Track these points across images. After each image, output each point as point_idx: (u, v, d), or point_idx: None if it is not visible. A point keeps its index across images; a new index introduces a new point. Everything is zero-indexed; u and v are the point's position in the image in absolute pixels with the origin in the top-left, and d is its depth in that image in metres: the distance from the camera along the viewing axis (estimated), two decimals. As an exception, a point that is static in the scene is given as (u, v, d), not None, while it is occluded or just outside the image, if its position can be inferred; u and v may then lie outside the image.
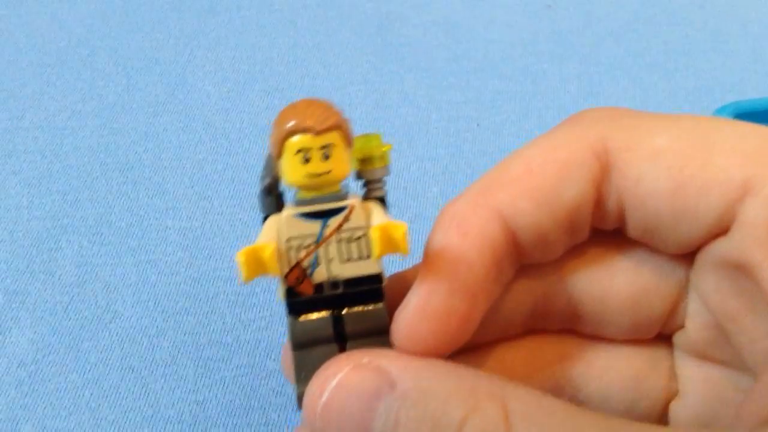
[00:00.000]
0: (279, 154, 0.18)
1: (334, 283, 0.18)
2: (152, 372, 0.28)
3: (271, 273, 0.17)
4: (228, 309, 0.30)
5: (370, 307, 0.18)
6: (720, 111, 0.36)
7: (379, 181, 0.20)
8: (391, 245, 0.17)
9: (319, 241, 0.18)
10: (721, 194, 0.17)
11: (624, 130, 0.18)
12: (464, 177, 0.35)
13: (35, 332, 0.29)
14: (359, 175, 0.20)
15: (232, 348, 0.29)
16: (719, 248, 0.18)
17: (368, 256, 0.18)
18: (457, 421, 0.15)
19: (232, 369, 0.28)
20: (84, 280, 0.31)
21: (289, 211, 0.18)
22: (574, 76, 0.41)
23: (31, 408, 0.27)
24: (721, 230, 0.17)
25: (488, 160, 0.36)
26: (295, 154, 0.17)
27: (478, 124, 0.38)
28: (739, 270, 0.17)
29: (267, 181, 0.19)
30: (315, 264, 0.18)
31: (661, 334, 0.21)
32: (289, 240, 0.18)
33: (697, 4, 0.46)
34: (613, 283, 0.20)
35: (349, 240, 0.18)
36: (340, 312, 0.18)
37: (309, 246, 0.18)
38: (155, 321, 0.30)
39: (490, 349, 0.21)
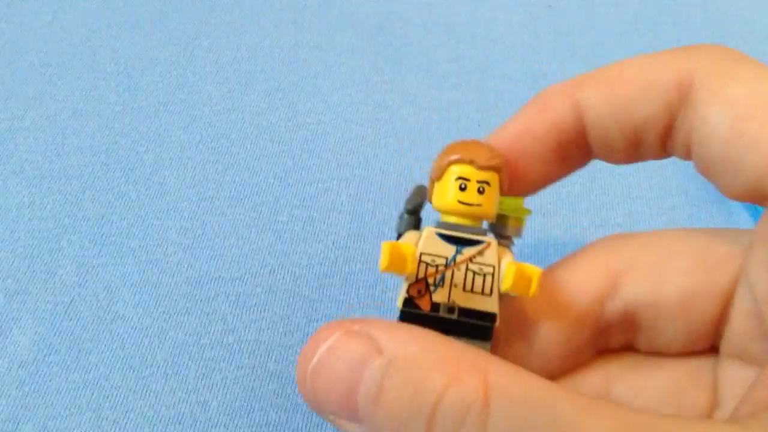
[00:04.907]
0: (439, 177, 0.19)
1: (451, 308, 0.19)
2: (153, 372, 0.28)
3: (408, 271, 0.19)
4: (229, 310, 0.30)
5: (477, 345, 0.19)
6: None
7: (509, 239, 0.21)
8: (521, 284, 0.18)
9: (450, 264, 0.19)
10: (767, 157, 0.17)
11: (716, 72, 0.19)
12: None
13: (36, 332, 0.29)
14: (492, 228, 0.21)
15: (234, 349, 0.29)
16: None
17: (490, 293, 0.19)
18: (437, 390, 0.16)
19: (234, 370, 0.28)
20: (85, 281, 0.31)
21: (431, 229, 0.19)
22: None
23: (32, 408, 0.27)
24: (765, 193, 0.18)
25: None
26: (455, 180, 0.19)
27: (479, 125, 0.38)
28: None
29: (415, 201, 0.21)
30: (439, 284, 0.19)
31: (710, 347, 0.21)
32: (422, 255, 0.19)
33: (698, 4, 0.46)
34: (663, 288, 0.20)
35: (477, 273, 0.19)
36: None
37: (439, 266, 0.19)
38: (156, 321, 0.30)
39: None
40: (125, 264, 0.32)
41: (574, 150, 0.21)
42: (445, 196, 0.19)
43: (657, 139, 0.20)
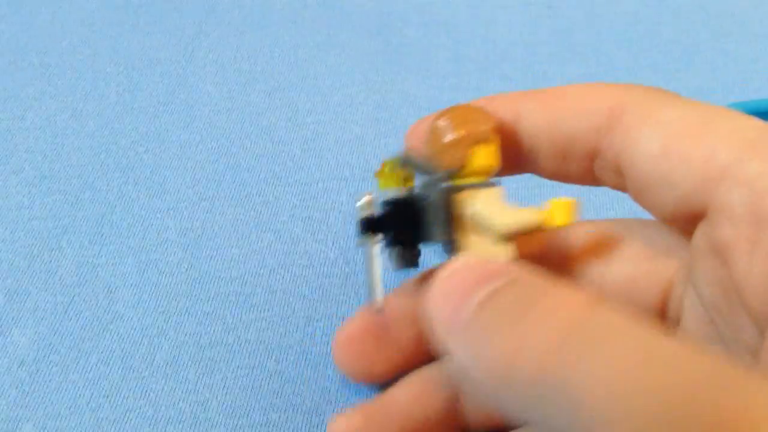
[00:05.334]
0: (464, 148, 0.21)
1: None
2: (153, 372, 0.28)
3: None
4: (229, 309, 0.30)
5: None
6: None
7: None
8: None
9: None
10: (699, 169, 0.18)
11: (646, 102, 0.20)
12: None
13: (36, 332, 0.29)
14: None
15: (233, 348, 0.29)
16: (705, 233, 0.19)
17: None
18: (549, 306, 0.16)
19: (233, 370, 0.28)
20: (85, 281, 0.31)
21: (494, 189, 0.21)
22: (576, 76, 0.41)
23: (31, 408, 0.27)
24: (697, 207, 0.18)
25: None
26: (481, 148, 0.21)
27: (479, 125, 0.38)
28: (719, 254, 0.18)
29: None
30: None
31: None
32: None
33: (698, 4, 0.46)
34: (608, 270, 0.22)
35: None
36: None
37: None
38: (156, 321, 0.30)
39: None
40: (125, 264, 0.32)
41: (505, 151, 0.22)
42: (494, 159, 0.21)
43: (582, 158, 0.21)
